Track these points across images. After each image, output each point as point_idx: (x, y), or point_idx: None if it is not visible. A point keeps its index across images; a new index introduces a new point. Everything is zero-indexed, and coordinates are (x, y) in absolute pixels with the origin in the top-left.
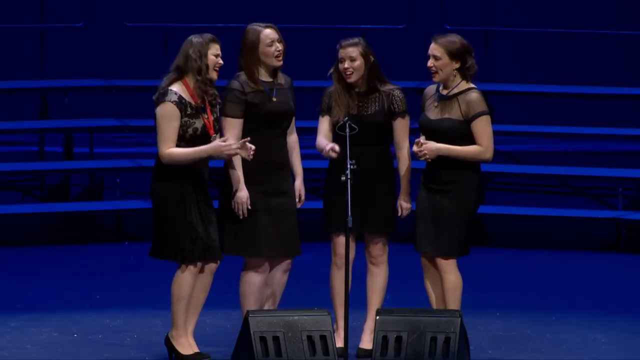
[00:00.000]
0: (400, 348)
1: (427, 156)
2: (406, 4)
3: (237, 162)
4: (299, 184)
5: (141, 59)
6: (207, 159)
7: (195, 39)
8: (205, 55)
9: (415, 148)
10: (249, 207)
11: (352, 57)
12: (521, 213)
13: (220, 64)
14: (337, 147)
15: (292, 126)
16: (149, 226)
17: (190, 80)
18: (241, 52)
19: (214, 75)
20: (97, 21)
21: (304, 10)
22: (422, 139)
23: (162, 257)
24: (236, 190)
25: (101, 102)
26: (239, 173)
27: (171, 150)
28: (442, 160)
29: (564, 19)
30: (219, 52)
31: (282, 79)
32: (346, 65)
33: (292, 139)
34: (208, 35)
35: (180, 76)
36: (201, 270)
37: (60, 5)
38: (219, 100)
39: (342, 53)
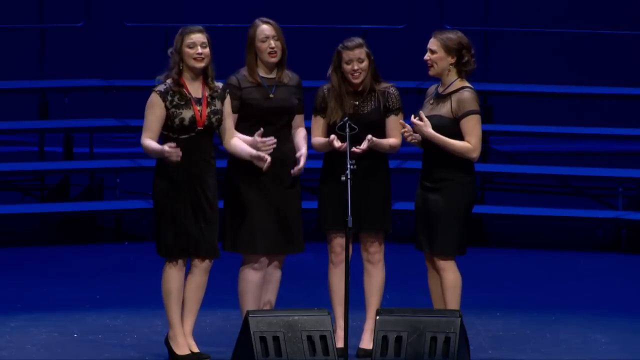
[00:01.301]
0: (400, 348)
1: (415, 136)
2: (406, 4)
3: (242, 146)
4: (304, 150)
5: (141, 59)
6: (213, 154)
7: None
8: (179, 51)
9: (412, 121)
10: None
11: (361, 58)
12: (521, 213)
13: (198, 53)
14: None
15: (300, 123)
16: (148, 226)
17: (185, 73)
18: (246, 46)
19: (194, 64)
20: (97, 21)
21: (304, 10)
22: (417, 118)
23: (157, 251)
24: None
25: (101, 102)
26: (246, 149)
27: (146, 142)
28: (435, 158)
29: (563, 19)
30: (193, 41)
31: (287, 76)
32: (355, 67)
33: (299, 131)
34: (185, 28)
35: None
36: (193, 268)
37: (60, 5)
38: (219, 92)
39: (349, 55)
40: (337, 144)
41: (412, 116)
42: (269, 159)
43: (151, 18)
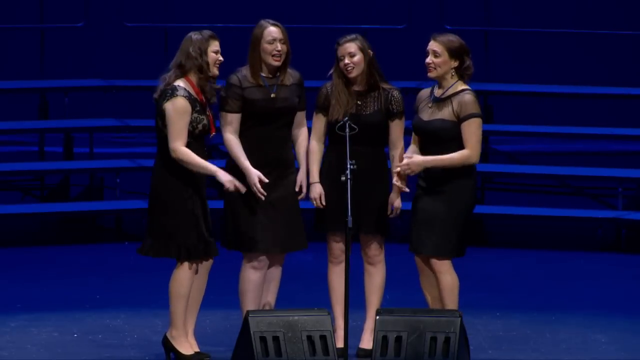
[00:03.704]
0: (400, 348)
1: (413, 171)
2: (406, 4)
3: (241, 154)
4: (301, 175)
5: (141, 59)
6: (206, 158)
7: (194, 36)
8: (206, 53)
9: (398, 169)
10: (261, 181)
11: (351, 52)
12: (521, 213)
13: (220, 60)
14: (324, 201)
15: (301, 120)
16: None
17: (192, 77)
18: (249, 45)
19: (215, 71)
20: (97, 21)
21: (304, 10)
22: (405, 159)
23: (160, 254)
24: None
25: (101, 102)
26: (243, 161)
27: (184, 149)
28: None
29: (563, 19)
30: (218, 48)
31: (288, 76)
32: (346, 61)
33: (300, 132)
34: (207, 32)
35: (182, 74)
36: (198, 268)
37: (60, 5)
38: (215, 100)
39: (341, 50)
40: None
41: (395, 175)
42: (242, 189)
43: (151, 18)
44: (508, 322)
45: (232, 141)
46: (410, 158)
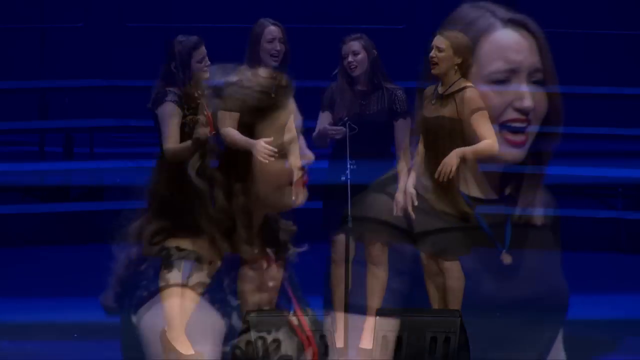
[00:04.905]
0: (400, 348)
1: (452, 168)
2: (406, 4)
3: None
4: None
5: (141, 59)
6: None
7: (177, 47)
8: (188, 67)
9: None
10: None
11: (355, 50)
12: (521, 213)
13: (207, 65)
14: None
15: None
16: None
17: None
18: (248, 44)
19: (203, 76)
20: (97, 21)
21: (304, 10)
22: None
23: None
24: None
25: (101, 102)
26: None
27: (172, 145)
28: (437, 157)
29: (563, 19)
30: (203, 55)
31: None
32: (350, 59)
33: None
34: (190, 41)
35: (168, 84)
36: None
37: (60, 5)
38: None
39: (345, 48)
40: (332, 133)
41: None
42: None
43: (152, 18)
44: (508, 322)
45: (231, 130)
46: (450, 159)
